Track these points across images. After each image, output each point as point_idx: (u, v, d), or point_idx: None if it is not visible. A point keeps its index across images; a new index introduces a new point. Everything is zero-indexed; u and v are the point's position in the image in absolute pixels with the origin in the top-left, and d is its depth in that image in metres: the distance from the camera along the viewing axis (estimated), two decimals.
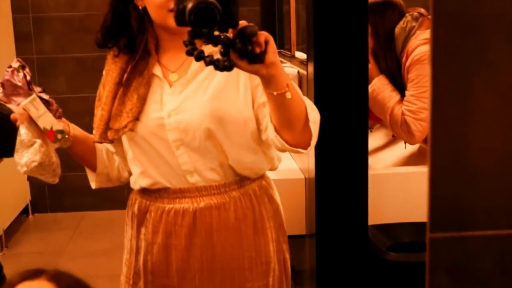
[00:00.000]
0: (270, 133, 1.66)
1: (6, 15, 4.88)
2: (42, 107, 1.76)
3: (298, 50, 3.18)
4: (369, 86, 2.55)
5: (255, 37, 1.41)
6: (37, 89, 1.80)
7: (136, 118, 1.74)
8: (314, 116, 1.65)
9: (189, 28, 1.41)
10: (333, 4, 1.99)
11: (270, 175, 2.45)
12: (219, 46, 1.44)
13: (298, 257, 2.75)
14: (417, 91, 2.49)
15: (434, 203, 0.79)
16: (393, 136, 2.81)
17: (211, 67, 1.61)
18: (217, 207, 1.77)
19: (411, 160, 2.86)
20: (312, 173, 2.15)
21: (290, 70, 2.46)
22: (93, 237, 4.79)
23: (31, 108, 1.74)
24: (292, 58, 3.12)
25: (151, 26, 1.77)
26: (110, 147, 1.87)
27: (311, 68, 2.08)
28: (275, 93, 1.52)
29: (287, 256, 1.90)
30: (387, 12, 2.61)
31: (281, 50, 3.68)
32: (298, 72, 2.43)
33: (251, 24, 1.44)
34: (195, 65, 1.74)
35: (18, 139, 1.77)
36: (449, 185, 0.80)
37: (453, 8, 0.74)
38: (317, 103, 1.98)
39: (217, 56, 1.43)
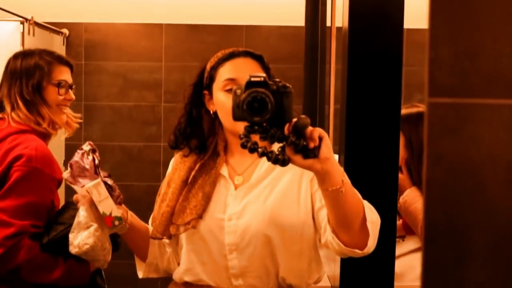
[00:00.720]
0: (328, 235, 1.66)
1: None
2: (104, 192, 1.80)
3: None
4: (401, 197, 2.53)
5: (308, 131, 1.45)
6: (103, 173, 1.86)
7: (200, 216, 1.77)
8: (372, 216, 1.64)
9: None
10: (366, 111, 2.01)
11: None
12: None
13: None
14: None
15: None
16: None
17: (274, 176, 1.67)
18: None
19: None
20: (337, 282, 2.11)
21: None
22: None
23: (94, 192, 1.78)
24: None
25: (221, 129, 1.84)
26: (165, 239, 1.89)
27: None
28: (330, 189, 1.52)
29: None
30: (421, 123, 2.62)
31: None
32: None
33: (303, 116, 1.49)
34: (259, 171, 1.80)
35: (76, 219, 1.83)
36: None
37: (448, 149, 0.74)
38: None
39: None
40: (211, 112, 1.84)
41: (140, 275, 1.95)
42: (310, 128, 1.47)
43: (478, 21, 0.73)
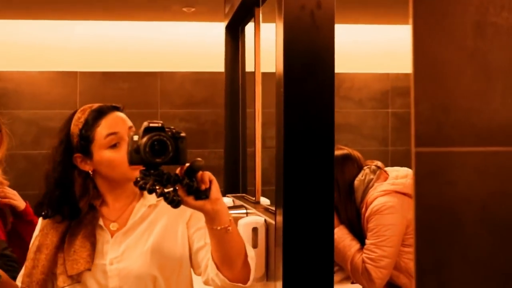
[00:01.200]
0: (210, 272, 1.75)
1: None
2: None
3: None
4: None
5: (199, 174, 1.58)
6: None
7: (90, 267, 1.78)
8: (251, 252, 1.80)
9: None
10: (301, 153, 2.11)
11: None
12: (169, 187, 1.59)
13: None
14: (376, 240, 2.60)
15: None
16: (352, 282, 2.89)
17: (150, 221, 1.84)
18: None
19: None
20: None
21: (256, 218, 2.54)
22: None
23: None
24: (256, 204, 3.19)
25: (92, 187, 1.86)
26: None
27: (280, 217, 2.17)
28: (219, 227, 1.64)
29: None
30: (347, 165, 2.78)
31: (244, 195, 3.78)
32: (265, 220, 2.52)
33: (198, 159, 1.59)
34: (135, 217, 1.86)
35: None
36: None
37: (428, 191, 0.85)
38: (285, 251, 2.07)
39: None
40: (90, 171, 1.85)
41: None
42: (200, 171, 1.59)
43: (451, 81, 0.85)
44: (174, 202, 1.58)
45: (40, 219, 1.91)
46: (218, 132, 5.22)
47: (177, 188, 1.59)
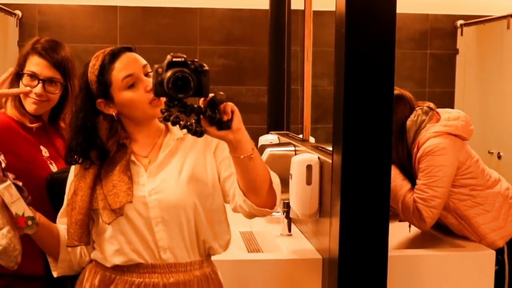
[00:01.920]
0: (238, 199, 1.83)
1: None
2: (16, 194, 1.80)
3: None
4: None
5: (222, 106, 1.64)
6: (11, 176, 1.85)
7: (131, 199, 1.84)
8: (276, 179, 1.86)
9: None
10: (361, 95, 2.14)
11: (288, 255, 2.56)
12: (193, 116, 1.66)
13: None
14: (428, 180, 2.64)
15: None
16: (399, 220, 2.94)
17: (180, 154, 1.91)
18: (183, 284, 1.89)
19: (415, 242, 2.98)
20: (335, 254, 2.25)
21: (310, 156, 2.59)
22: None
23: (5, 194, 1.78)
24: (304, 142, 3.24)
25: (120, 126, 1.92)
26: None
27: (337, 156, 2.21)
28: (242, 156, 1.71)
29: None
30: (399, 105, 2.80)
31: (288, 133, 3.83)
32: (319, 158, 2.56)
33: (220, 92, 1.65)
34: (164, 152, 1.92)
35: None
36: None
37: None
38: (344, 189, 2.13)
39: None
40: (114, 114, 1.90)
41: (55, 274, 1.99)
42: (224, 103, 1.65)
43: None
44: (198, 133, 1.65)
45: (73, 168, 1.96)
46: (256, 69, 5.24)
47: (200, 118, 1.65)
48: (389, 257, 2.24)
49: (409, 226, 3.00)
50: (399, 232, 3.04)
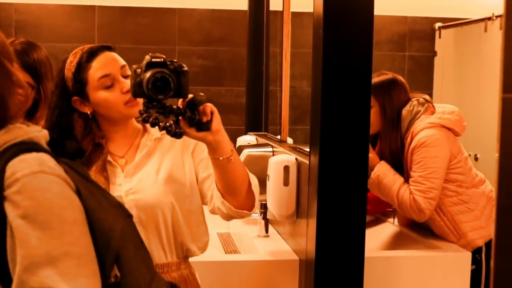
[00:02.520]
0: (216, 201, 1.83)
1: None
2: None
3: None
4: (372, 173, 2.71)
5: (202, 107, 1.63)
6: None
7: None
8: (255, 181, 1.87)
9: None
10: (339, 95, 2.14)
11: (265, 256, 2.55)
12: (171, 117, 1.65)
13: None
14: (424, 172, 2.65)
15: None
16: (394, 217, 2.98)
17: (158, 154, 1.89)
18: None
19: (392, 243, 2.99)
20: (311, 255, 2.25)
21: (287, 157, 2.58)
22: None
23: None
24: (282, 143, 3.23)
25: (96, 126, 1.91)
26: None
27: (315, 157, 2.21)
28: (221, 158, 1.72)
29: None
30: (394, 90, 2.79)
31: (267, 134, 3.83)
32: (296, 159, 2.56)
33: (200, 93, 1.65)
34: (142, 151, 1.91)
35: None
36: None
37: None
38: (320, 189, 2.13)
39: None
40: (89, 113, 1.89)
41: None
42: (203, 104, 1.65)
43: None
44: (177, 134, 1.65)
45: None
46: (235, 70, 5.23)
47: (179, 119, 1.65)
48: (366, 258, 2.24)
49: (394, 218, 3.01)
50: (375, 233, 3.05)
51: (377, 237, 3.04)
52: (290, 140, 3.34)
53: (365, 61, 2.17)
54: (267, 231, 2.88)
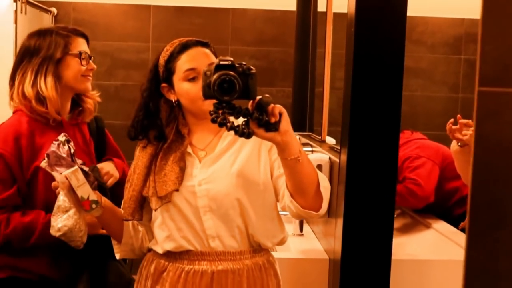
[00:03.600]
0: (286, 199, 1.86)
1: None
2: (82, 178, 1.94)
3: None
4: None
5: (270, 108, 1.64)
6: (79, 161, 1.99)
7: (178, 188, 1.91)
8: (324, 182, 1.87)
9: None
10: (369, 95, 2.13)
11: (297, 254, 2.56)
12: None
13: None
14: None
15: None
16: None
17: (236, 148, 1.94)
18: (232, 272, 1.93)
19: (430, 248, 2.95)
20: (338, 255, 2.25)
21: (321, 156, 2.58)
22: None
23: (72, 178, 1.92)
24: (321, 143, 3.24)
25: (181, 115, 1.99)
26: (136, 220, 2.02)
27: (344, 155, 2.21)
28: (289, 158, 1.72)
29: None
30: None
31: (310, 133, 3.82)
32: (330, 158, 2.56)
33: (266, 95, 1.66)
34: (222, 145, 1.97)
35: (56, 204, 1.97)
36: (481, 280, 0.91)
37: (489, 132, 0.87)
38: (348, 189, 2.12)
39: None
40: (173, 101, 1.97)
41: (117, 256, 2.09)
42: (271, 105, 1.66)
43: None
44: (245, 134, 1.66)
45: (136, 149, 2.05)
46: (287, 70, 5.24)
47: (248, 120, 1.66)
48: (394, 260, 2.22)
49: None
50: (416, 239, 3.02)
51: (418, 243, 3.01)
52: (332, 141, 3.33)
53: (397, 59, 2.15)
54: (301, 230, 2.88)
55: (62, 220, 1.96)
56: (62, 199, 1.96)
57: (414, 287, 2.53)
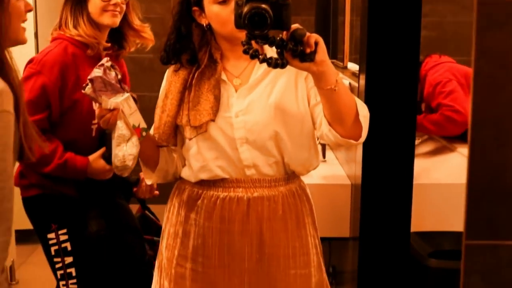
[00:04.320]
0: (324, 128, 1.81)
1: None
2: (133, 105, 1.86)
3: (350, 60, 3.30)
4: None
5: (306, 38, 1.57)
6: (126, 87, 1.90)
7: (214, 118, 1.88)
8: (363, 111, 1.81)
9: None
10: (387, 19, 2.10)
11: (319, 180, 2.58)
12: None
13: (340, 259, 2.86)
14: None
15: (470, 213, 0.91)
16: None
17: (271, 77, 1.82)
18: (268, 198, 1.92)
19: (455, 173, 2.95)
20: (359, 180, 2.26)
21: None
22: None
23: (125, 105, 1.84)
24: (344, 69, 3.21)
25: (213, 39, 1.93)
26: (171, 146, 2.02)
27: (362, 80, 2.19)
28: (325, 88, 1.67)
29: (320, 250, 2.02)
30: None
31: (334, 61, 3.79)
32: (350, 83, 2.54)
33: (299, 27, 1.59)
34: (256, 73, 1.91)
35: (117, 132, 1.86)
36: (484, 199, 0.91)
37: (494, 43, 0.86)
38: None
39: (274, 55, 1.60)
40: (204, 25, 1.92)
41: (150, 181, 2.08)
42: (307, 34, 1.59)
43: None
44: (278, 65, 1.61)
45: (166, 74, 2.01)
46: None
47: (283, 51, 1.60)
48: (416, 184, 2.23)
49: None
50: (443, 162, 3.01)
51: (445, 167, 3.01)
52: (355, 67, 3.31)
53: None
54: (324, 156, 2.89)
55: (127, 149, 1.87)
56: (122, 127, 1.86)
57: (438, 211, 2.54)
